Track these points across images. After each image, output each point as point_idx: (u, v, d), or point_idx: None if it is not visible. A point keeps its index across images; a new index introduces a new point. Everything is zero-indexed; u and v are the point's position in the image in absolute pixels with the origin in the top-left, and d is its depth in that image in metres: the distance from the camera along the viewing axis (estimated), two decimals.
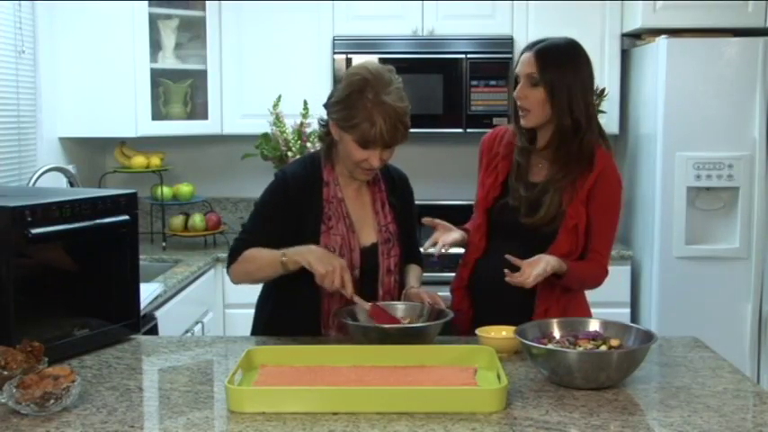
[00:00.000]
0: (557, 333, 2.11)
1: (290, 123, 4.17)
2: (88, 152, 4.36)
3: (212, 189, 4.65)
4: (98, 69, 3.97)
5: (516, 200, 2.46)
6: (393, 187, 2.53)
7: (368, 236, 2.45)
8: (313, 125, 3.92)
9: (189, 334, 3.55)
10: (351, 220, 2.42)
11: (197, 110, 4.33)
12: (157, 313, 3.17)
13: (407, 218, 2.56)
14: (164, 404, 1.90)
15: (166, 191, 4.24)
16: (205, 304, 3.92)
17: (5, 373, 1.88)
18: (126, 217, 2.33)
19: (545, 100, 2.38)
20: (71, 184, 3.43)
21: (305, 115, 4.13)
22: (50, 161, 3.76)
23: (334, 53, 4.20)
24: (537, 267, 2.30)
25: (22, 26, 3.68)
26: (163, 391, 2.00)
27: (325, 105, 2.41)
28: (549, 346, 1.99)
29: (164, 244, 4.22)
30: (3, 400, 1.81)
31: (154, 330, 3.07)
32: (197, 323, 3.73)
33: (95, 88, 3.98)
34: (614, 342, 2.02)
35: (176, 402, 1.89)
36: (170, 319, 3.28)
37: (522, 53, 2.45)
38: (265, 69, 4.29)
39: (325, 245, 2.38)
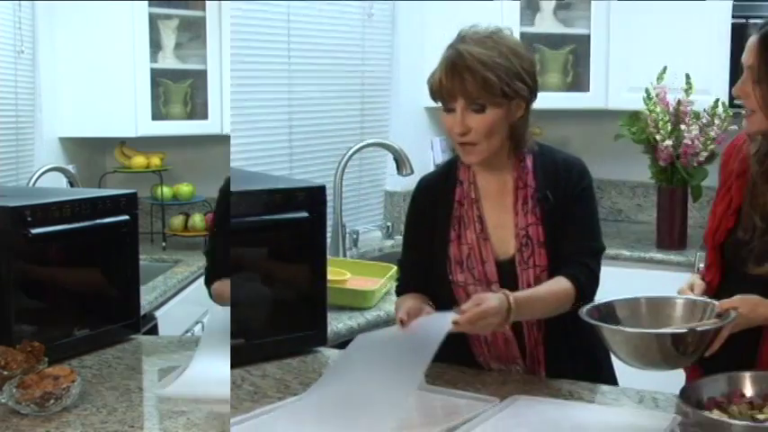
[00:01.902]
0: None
1: None
2: (88, 152, 4.35)
3: (212, 189, 4.59)
4: (98, 69, 3.96)
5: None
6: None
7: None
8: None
9: (189, 334, 3.54)
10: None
11: (197, 110, 4.33)
12: (157, 313, 3.17)
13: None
14: (164, 404, 1.89)
15: (166, 191, 4.23)
16: (205, 304, 3.89)
17: (5, 373, 1.87)
18: (126, 217, 2.33)
19: None
20: (71, 184, 3.43)
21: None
22: (50, 161, 3.75)
23: None
24: None
25: (22, 26, 3.67)
26: None
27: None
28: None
29: (164, 244, 4.21)
30: (3, 400, 1.81)
31: (154, 330, 3.07)
32: (197, 323, 3.72)
33: (95, 88, 3.97)
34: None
35: (176, 402, 1.88)
36: (170, 319, 3.27)
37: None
38: None
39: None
